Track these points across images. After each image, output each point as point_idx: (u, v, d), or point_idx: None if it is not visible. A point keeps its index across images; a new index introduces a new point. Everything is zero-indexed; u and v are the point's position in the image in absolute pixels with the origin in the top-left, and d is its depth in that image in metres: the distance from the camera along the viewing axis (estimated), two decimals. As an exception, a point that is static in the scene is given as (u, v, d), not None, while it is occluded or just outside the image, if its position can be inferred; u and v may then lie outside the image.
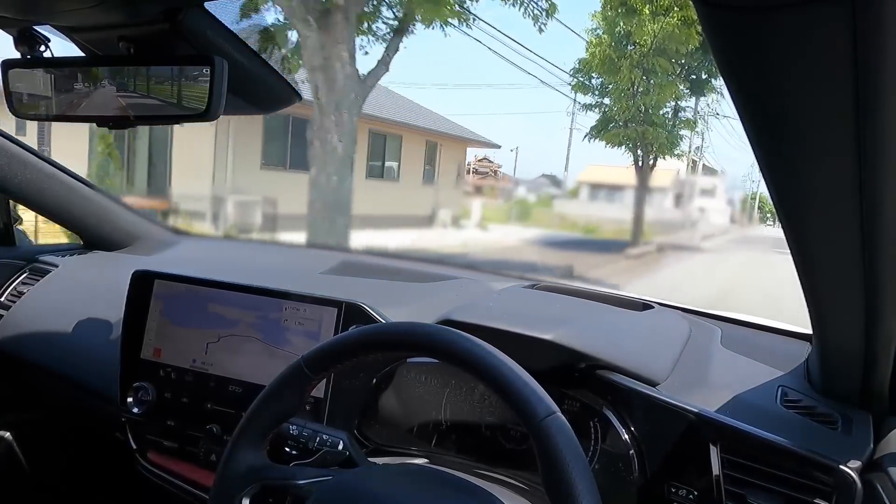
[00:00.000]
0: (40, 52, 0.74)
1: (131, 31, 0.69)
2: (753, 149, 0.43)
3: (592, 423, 0.83)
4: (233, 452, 0.69)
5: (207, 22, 0.68)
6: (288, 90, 0.82)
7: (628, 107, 11.12)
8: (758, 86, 0.37)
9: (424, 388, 0.93)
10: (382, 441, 0.95)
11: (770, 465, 0.73)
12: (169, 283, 1.08)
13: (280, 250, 1.83)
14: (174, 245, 1.59)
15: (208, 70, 0.65)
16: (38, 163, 1.35)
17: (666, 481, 0.79)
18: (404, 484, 0.67)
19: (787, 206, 0.50)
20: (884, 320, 0.61)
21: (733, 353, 0.98)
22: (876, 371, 0.72)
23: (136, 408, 1.06)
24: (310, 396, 0.91)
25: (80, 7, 0.63)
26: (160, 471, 1.07)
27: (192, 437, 1.03)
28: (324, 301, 0.98)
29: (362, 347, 0.68)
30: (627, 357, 0.86)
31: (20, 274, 1.39)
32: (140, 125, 0.71)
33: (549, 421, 0.57)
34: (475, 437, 0.90)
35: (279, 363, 0.93)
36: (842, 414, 0.78)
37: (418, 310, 1.03)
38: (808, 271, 0.60)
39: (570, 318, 0.96)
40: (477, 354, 0.62)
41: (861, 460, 0.70)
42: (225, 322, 1.03)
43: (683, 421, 0.78)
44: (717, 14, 0.32)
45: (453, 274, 1.33)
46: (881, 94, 0.34)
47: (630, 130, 11.37)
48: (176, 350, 1.06)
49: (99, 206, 1.51)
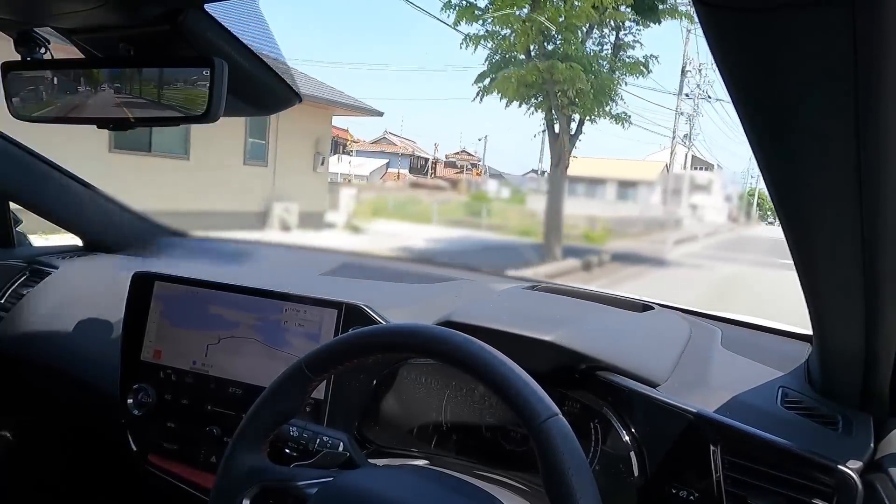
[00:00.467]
0: (40, 54, 0.74)
1: (131, 32, 0.69)
2: (753, 149, 0.43)
3: (593, 425, 0.83)
4: (233, 454, 0.69)
5: (207, 23, 0.68)
6: (288, 91, 0.82)
7: (527, 30, 6.98)
8: (758, 86, 0.37)
9: (425, 390, 0.93)
10: (383, 442, 0.95)
11: (771, 466, 0.73)
12: (169, 285, 1.08)
13: (280, 251, 1.83)
14: (174, 247, 1.59)
15: (208, 72, 0.65)
16: (37, 164, 1.35)
17: (666, 482, 0.79)
18: (405, 485, 0.67)
19: (787, 207, 0.50)
20: (884, 321, 0.61)
21: (734, 354, 0.98)
22: (876, 372, 0.72)
23: (136, 409, 1.06)
24: (310, 398, 0.91)
25: (81, 9, 0.63)
26: (160, 472, 1.07)
27: (193, 438, 1.03)
28: (324, 302, 0.98)
29: (363, 349, 0.68)
30: (628, 358, 0.86)
31: (20, 276, 1.39)
32: (140, 127, 0.71)
33: (549, 423, 0.57)
34: (475, 438, 0.90)
35: (279, 365, 0.93)
36: (842, 415, 0.78)
37: (419, 311, 1.03)
38: (808, 272, 0.60)
39: (570, 319, 0.96)
40: (477, 356, 0.62)
41: (861, 461, 0.70)
42: (225, 324, 1.03)
43: (684, 422, 0.78)
44: (717, 14, 0.32)
45: (454, 275, 1.33)
46: (881, 95, 0.34)
47: (530, 68, 7.16)
48: (176, 352, 1.06)
49: (99, 207, 1.51)
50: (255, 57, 0.75)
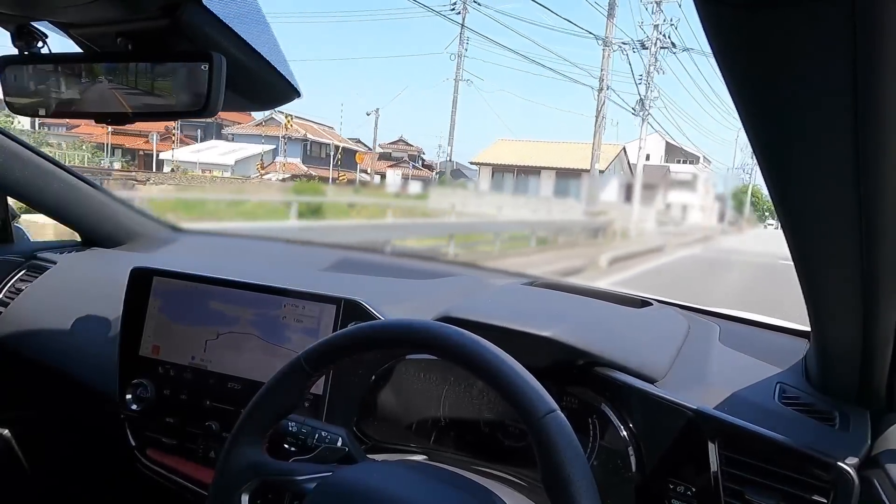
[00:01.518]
0: (38, 48, 0.73)
1: (129, 26, 0.68)
2: (753, 147, 0.43)
3: (591, 420, 0.83)
4: (232, 448, 0.69)
5: (206, 17, 0.68)
6: (287, 86, 0.81)
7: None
8: (756, 83, 0.37)
9: (423, 385, 0.93)
10: (381, 437, 0.95)
11: (768, 461, 0.73)
12: (167, 280, 1.08)
13: (279, 247, 1.83)
14: (173, 242, 1.59)
15: (207, 66, 0.64)
16: (36, 159, 1.35)
17: (664, 478, 0.79)
18: (403, 480, 0.67)
19: (786, 203, 0.50)
20: (881, 317, 0.61)
21: (731, 350, 0.98)
22: (874, 368, 0.72)
23: (134, 405, 1.06)
24: (309, 393, 0.91)
25: (78, 3, 0.63)
26: (159, 468, 1.07)
27: (191, 434, 1.03)
28: (323, 298, 0.98)
29: (361, 344, 0.68)
30: (626, 354, 0.86)
31: (18, 271, 1.39)
32: (138, 121, 0.71)
33: (548, 419, 0.57)
34: (474, 433, 0.90)
35: (278, 360, 0.93)
36: (840, 411, 0.79)
37: (417, 307, 1.03)
38: (806, 268, 0.60)
39: (568, 314, 0.96)
40: (476, 351, 0.62)
41: (859, 457, 0.70)
42: (224, 319, 1.03)
43: (682, 418, 0.78)
44: (716, 11, 0.32)
45: (452, 271, 1.33)
46: (880, 93, 0.34)
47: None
48: (174, 347, 1.06)
49: (97, 202, 1.50)
50: (253, 51, 0.74)
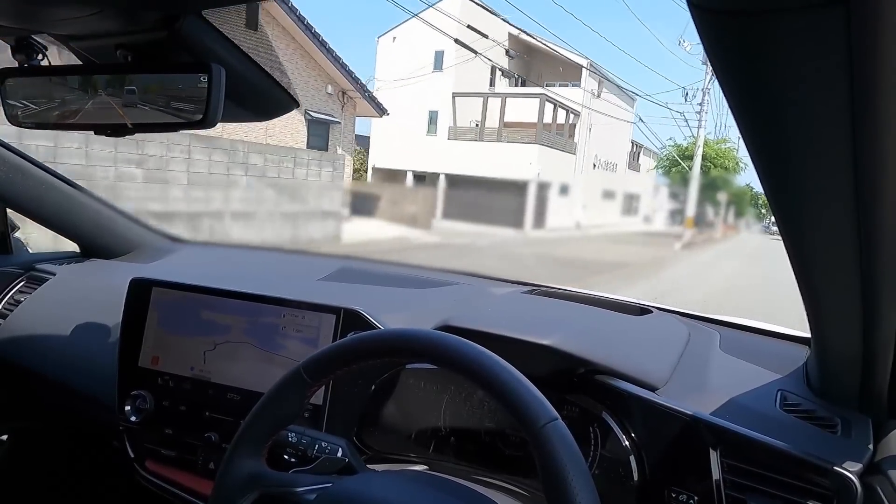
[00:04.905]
0: (38, 60, 0.74)
1: (129, 39, 0.69)
2: (750, 153, 0.43)
3: (592, 429, 0.83)
4: (232, 459, 0.69)
5: (205, 29, 0.68)
6: (285, 97, 0.82)
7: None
8: (753, 90, 0.37)
9: (423, 395, 0.93)
10: (381, 448, 0.95)
11: (770, 469, 0.73)
12: (167, 291, 1.08)
13: (279, 256, 1.83)
14: (172, 252, 1.59)
15: (206, 77, 0.65)
16: (35, 171, 1.35)
17: (666, 486, 0.79)
18: (403, 490, 0.67)
19: (785, 210, 0.50)
20: (882, 323, 0.61)
21: (732, 357, 0.98)
22: (875, 374, 0.72)
23: (133, 416, 1.05)
24: (309, 403, 0.91)
25: (78, 16, 0.63)
26: (158, 479, 1.06)
27: (191, 445, 1.03)
28: (322, 308, 0.98)
29: (361, 354, 0.68)
30: (626, 362, 0.86)
31: (17, 282, 1.39)
32: (138, 133, 0.71)
33: (549, 428, 0.57)
34: (474, 442, 0.90)
35: (278, 370, 0.92)
36: (841, 417, 0.78)
37: (417, 316, 1.03)
38: (805, 274, 0.60)
39: (568, 323, 0.96)
40: (476, 360, 0.62)
41: (861, 463, 0.70)
42: (223, 329, 1.03)
43: (683, 425, 0.78)
44: (712, 18, 0.32)
45: (452, 280, 1.33)
46: (877, 100, 0.34)
47: None
48: (174, 358, 1.06)
49: (96, 213, 1.51)
50: (252, 63, 0.75)
